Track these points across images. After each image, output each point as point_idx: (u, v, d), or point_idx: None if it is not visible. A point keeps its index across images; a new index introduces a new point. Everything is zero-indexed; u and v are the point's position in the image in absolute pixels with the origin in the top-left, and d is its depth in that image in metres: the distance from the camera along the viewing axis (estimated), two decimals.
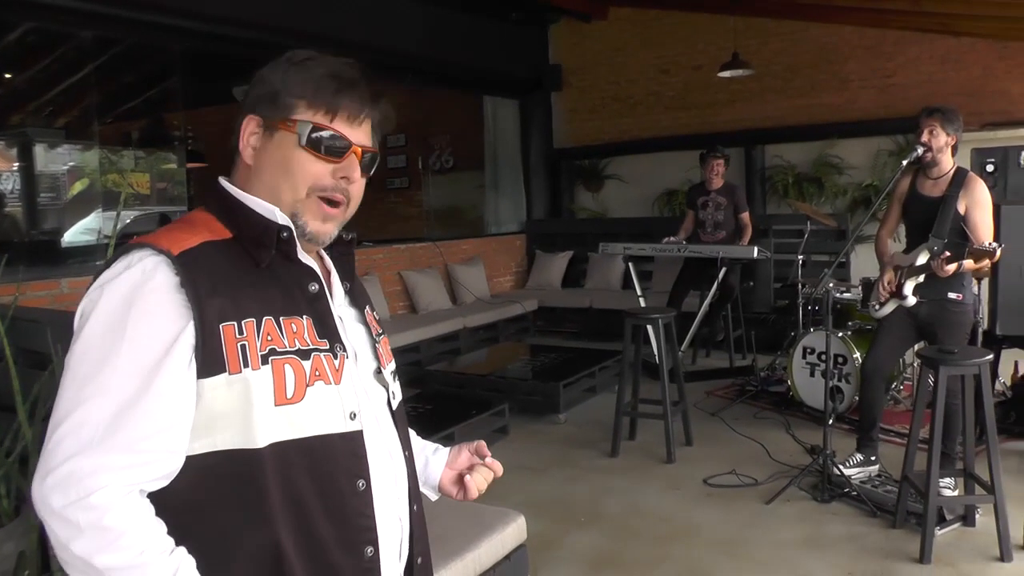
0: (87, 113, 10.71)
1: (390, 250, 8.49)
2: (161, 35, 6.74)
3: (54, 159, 10.40)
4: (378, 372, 1.39)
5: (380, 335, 1.44)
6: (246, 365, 1.17)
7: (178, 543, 1.15)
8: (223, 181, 1.32)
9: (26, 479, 2.54)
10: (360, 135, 1.31)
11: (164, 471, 1.15)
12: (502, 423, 5.51)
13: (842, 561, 3.64)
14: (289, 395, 1.20)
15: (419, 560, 1.42)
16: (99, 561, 1.08)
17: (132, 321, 1.13)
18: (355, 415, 1.28)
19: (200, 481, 1.18)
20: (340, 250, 1.40)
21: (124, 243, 1.27)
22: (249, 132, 1.28)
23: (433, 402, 5.53)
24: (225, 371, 1.16)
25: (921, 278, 4.16)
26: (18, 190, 10.02)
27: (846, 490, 4.25)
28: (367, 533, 1.29)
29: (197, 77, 10.22)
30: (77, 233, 10.28)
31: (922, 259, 4.16)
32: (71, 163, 10.51)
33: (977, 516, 3.93)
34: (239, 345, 1.17)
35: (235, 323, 1.17)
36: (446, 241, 9.30)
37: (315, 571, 1.23)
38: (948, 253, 3.83)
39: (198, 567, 1.15)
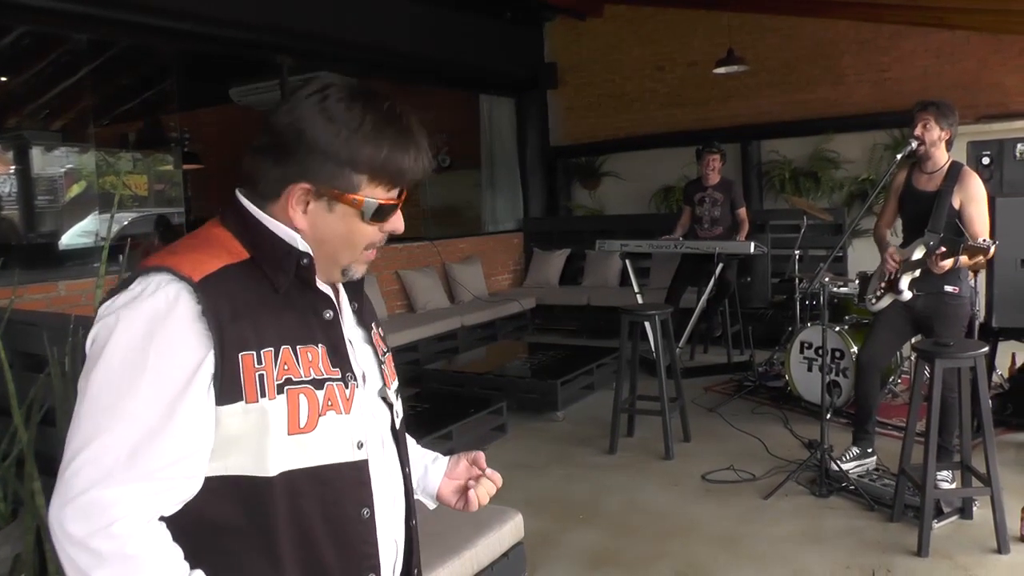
0: (83, 115, 10.70)
1: (387, 249, 8.42)
2: (156, 37, 6.75)
3: (51, 162, 10.39)
4: (382, 390, 1.39)
5: (385, 354, 1.44)
6: (263, 395, 1.17)
7: (191, 563, 1.16)
8: (242, 198, 1.27)
9: (22, 483, 2.55)
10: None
11: (183, 496, 1.15)
12: (500, 421, 5.51)
13: (840, 555, 3.64)
14: (302, 425, 1.20)
15: (415, 572, 1.43)
16: None
17: (154, 350, 1.12)
18: (362, 444, 1.29)
19: (209, 502, 1.18)
20: None
21: (120, 245, 1.27)
22: (300, 197, 1.22)
23: (431, 401, 5.54)
24: (242, 399, 1.16)
25: (917, 272, 4.17)
26: (15, 193, 10.02)
27: (844, 484, 4.26)
28: (369, 560, 1.30)
29: (192, 78, 10.22)
30: (74, 236, 10.27)
31: (918, 254, 4.16)
32: (68, 166, 10.51)
33: (974, 508, 3.94)
34: (257, 375, 1.17)
35: (254, 352, 1.17)
36: (443, 240, 9.31)
37: None
38: (943, 249, 3.84)
39: None
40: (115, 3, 5.96)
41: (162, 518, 1.15)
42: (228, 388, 1.15)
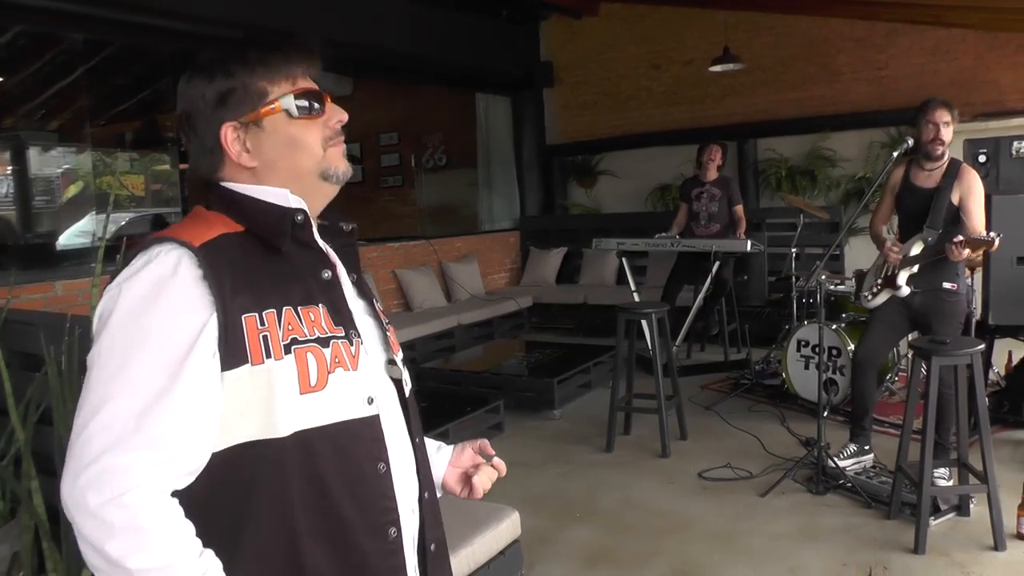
0: (80, 115, 10.70)
1: (384, 248, 8.49)
2: (151, 37, 6.74)
3: (48, 162, 10.38)
4: (390, 363, 1.40)
5: (388, 324, 1.45)
6: (268, 355, 1.18)
7: (200, 536, 1.15)
8: (224, 183, 1.30)
9: (20, 482, 2.55)
10: (314, 80, 1.34)
11: (192, 466, 1.15)
12: (497, 420, 5.51)
13: (837, 552, 3.65)
14: (313, 383, 1.21)
15: (432, 547, 1.42)
16: (132, 562, 1.08)
17: (157, 315, 1.13)
18: (372, 400, 1.30)
19: (221, 476, 1.18)
20: (343, 242, 1.40)
21: (118, 245, 1.28)
22: (231, 139, 1.27)
23: (428, 400, 5.51)
24: (248, 362, 1.17)
25: (915, 268, 4.17)
26: (12, 193, 10.01)
27: (841, 482, 4.26)
28: (390, 514, 1.30)
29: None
30: (72, 236, 10.27)
31: (916, 250, 4.17)
32: (65, 166, 10.49)
33: (971, 506, 3.94)
34: (261, 336, 1.18)
35: (256, 314, 1.18)
36: (440, 239, 9.32)
37: (342, 555, 1.24)
38: (961, 238, 3.82)
39: (219, 558, 1.16)
40: (110, 3, 5.96)
41: (175, 495, 1.14)
42: (233, 351, 1.16)
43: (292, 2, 7.01)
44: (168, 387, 1.11)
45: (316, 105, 1.30)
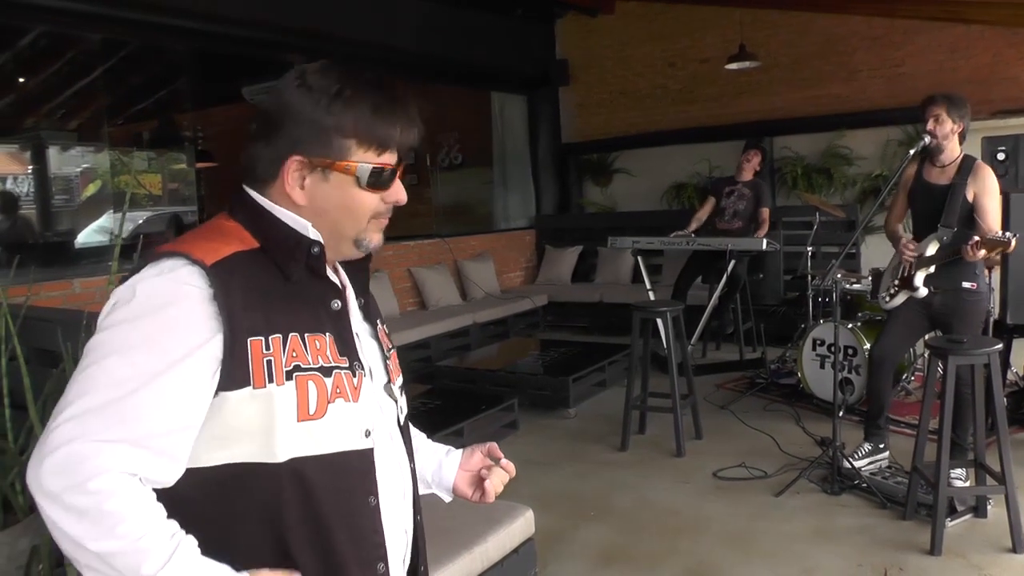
0: (98, 115, 10.79)
1: (399, 247, 8.50)
2: (168, 37, 6.79)
3: (67, 161, 10.48)
4: (387, 385, 1.40)
5: (390, 351, 1.45)
6: (271, 380, 1.17)
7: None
8: (249, 190, 1.29)
9: None
10: (400, 153, 1.32)
11: (162, 473, 1.14)
12: (512, 418, 5.52)
13: (852, 553, 3.63)
14: (311, 411, 1.21)
15: (421, 569, 1.44)
16: (95, 546, 1.07)
17: (156, 324, 1.13)
18: (369, 433, 1.29)
19: (216, 492, 1.18)
20: (355, 265, 1.40)
21: (134, 243, 1.28)
22: (295, 172, 1.24)
23: (443, 398, 5.54)
24: (250, 385, 1.16)
25: (931, 268, 4.14)
26: (32, 192, 10.11)
27: (856, 482, 4.24)
28: (378, 549, 1.31)
29: (205, 77, 10.27)
30: (90, 234, 10.37)
31: (931, 249, 4.13)
32: (84, 165, 10.59)
33: (989, 507, 3.91)
34: (265, 360, 1.17)
35: (263, 338, 1.17)
36: (455, 237, 9.33)
37: None
38: (977, 238, 3.79)
39: None
40: (128, 3, 6.01)
41: (170, 508, 1.14)
42: (237, 373, 1.15)
43: (308, 2, 7.03)
44: (143, 385, 1.10)
45: (385, 182, 1.29)
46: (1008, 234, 3.74)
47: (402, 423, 1.42)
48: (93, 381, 1.11)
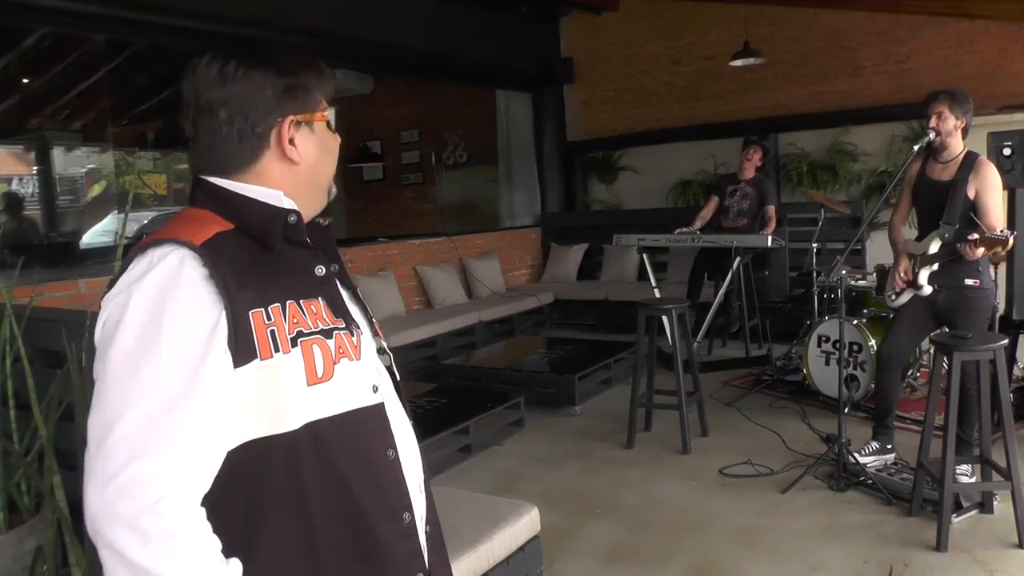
0: (102, 116, 10.80)
1: (405, 245, 8.51)
2: (173, 37, 6.79)
3: (72, 162, 10.50)
4: (379, 351, 1.43)
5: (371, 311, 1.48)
6: (277, 350, 1.19)
7: (215, 535, 1.16)
8: (210, 179, 1.31)
9: (43, 477, 2.58)
10: None
11: (214, 468, 1.15)
12: (518, 416, 5.52)
13: (858, 550, 3.63)
14: (320, 374, 1.23)
15: (428, 528, 1.44)
16: (164, 570, 1.07)
17: (168, 317, 1.13)
18: (377, 388, 1.33)
19: (233, 474, 1.18)
20: (320, 234, 1.41)
21: (136, 243, 1.28)
22: (290, 133, 1.31)
23: (449, 396, 5.55)
24: (256, 358, 1.17)
25: (935, 266, 4.12)
26: (37, 193, 10.14)
27: (862, 478, 4.23)
28: (403, 499, 1.33)
29: None
30: (95, 235, 10.39)
31: (934, 247, 4.12)
32: (89, 166, 10.61)
33: (995, 503, 3.90)
34: (268, 331, 1.19)
35: (263, 309, 1.19)
36: (461, 236, 9.33)
37: (360, 542, 1.26)
38: (976, 236, 3.77)
39: (236, 556, 1.16)
40: (132, 3, 6.02)
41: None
42: (243, 348, 1.17)
43: (312, 1, 7.03)
44: (188, 388, 1.11)
45: (333, 123, 1.39)
46: (1006, 232, 3.72)
47: (398, 380, 1.45)
48: (131, 393, 1.10)
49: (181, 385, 1.11)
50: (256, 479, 1.19)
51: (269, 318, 1.19)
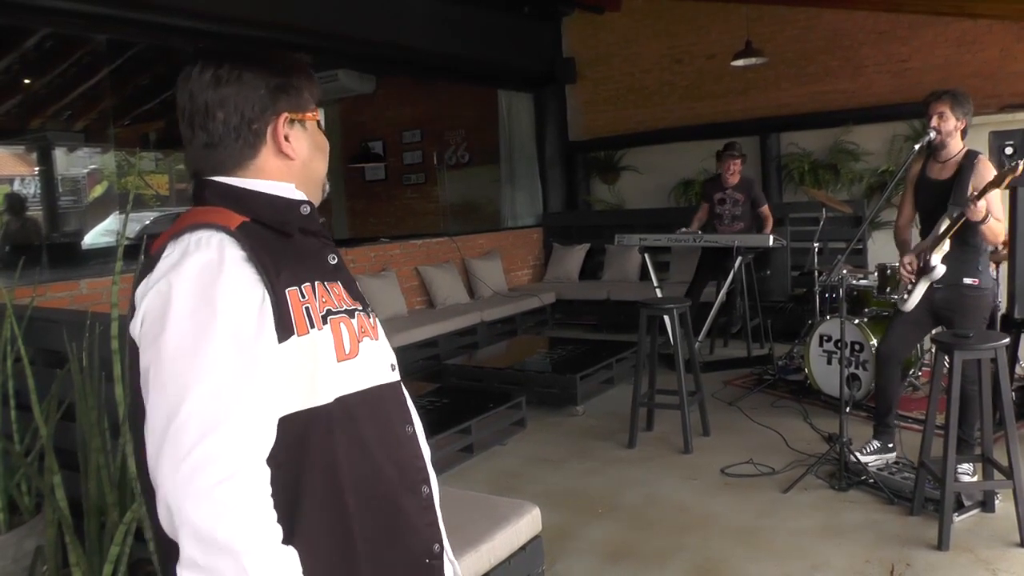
0: (104, 116, 10.81)
1: (407, 245, 8.52)
2: (174, 37, 6.79)
3: (74, 162, 10.51)
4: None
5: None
6: (312, 326, 1.24)
7: None
8: (219, 178, 1.34)
9: (42, 477, 2.58)
10: None
11: (272, 441, 1.19)
12: (520, 416, 5.52)
13: (859, 549, 3.62)
14: (347, 351, 1.29)
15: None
16: (241, 543, 1.09)
17: (220, 296, 1.16)
18: (395, 367, 1.40)
19: (279, 446, 1.20)
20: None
21: (139, 243, 1.30)
22: (284, 130, 1.35)
23: (451, 396, 5.55)
24: (294, 333, 1.22)
25: (946, 246, 4.05)
26: (39, 194, 10.14)
27: (863, 478, 4.23)
28: (421, 473, 1.40)
29: None
30: (97, 235, 10.40)
31: (943, 227, 4.04)
32: (91, 166, 10.61)
33: (996, 502, 3.90)
34: (304, 308, 1.24)
35: (297, 288, 1.24)
36: (463, 236, 9.33)
37: (387, 514, 1.31)
38: (974, 190, 3.72)
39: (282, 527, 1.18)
40: (133, 3, 6.02)
41: None
42: (283, 325, 1.21)
43: (315, 1, 7.03)
44: (247, 364, 1.15)
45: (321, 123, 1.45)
46: (1017, 161, 3.66)
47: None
48: (193, 374, 1.13)
49: (240, 361, 1.15)
50: (297, 451, 1.22)
51: (303, 296, 1.25)
